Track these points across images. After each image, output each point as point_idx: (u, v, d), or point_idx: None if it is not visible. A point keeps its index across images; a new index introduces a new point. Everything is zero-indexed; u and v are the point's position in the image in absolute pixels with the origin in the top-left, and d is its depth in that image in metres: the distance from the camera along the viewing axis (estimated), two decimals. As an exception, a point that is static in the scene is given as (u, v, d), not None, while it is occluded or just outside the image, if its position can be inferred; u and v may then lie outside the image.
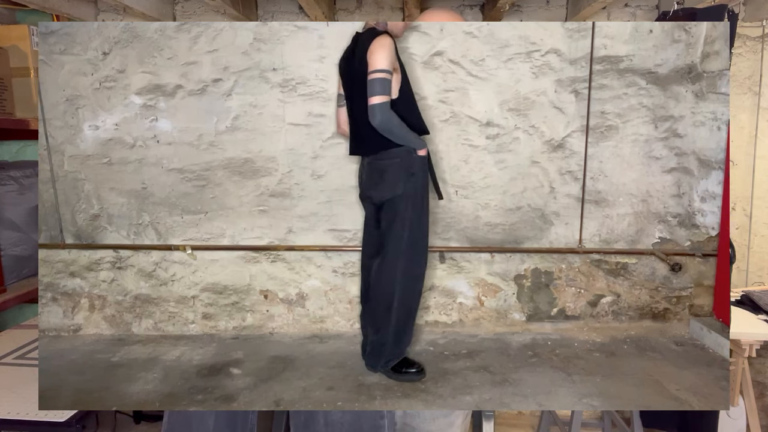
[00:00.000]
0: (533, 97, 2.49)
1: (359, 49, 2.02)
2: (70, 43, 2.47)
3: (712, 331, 2.43)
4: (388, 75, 1.95)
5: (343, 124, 2.27)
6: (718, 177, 2.56)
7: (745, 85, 2.93)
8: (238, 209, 2.59)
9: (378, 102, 1.94)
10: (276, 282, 2.65)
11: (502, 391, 2.08)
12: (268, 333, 2.65)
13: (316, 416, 1.68)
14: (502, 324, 2.67)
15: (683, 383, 2.12)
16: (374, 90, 1.95)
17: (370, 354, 2.22)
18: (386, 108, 1.95)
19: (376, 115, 1.95)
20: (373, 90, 1.95)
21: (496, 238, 2.61)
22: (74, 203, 2.61)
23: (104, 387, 2.14)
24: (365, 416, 1.68)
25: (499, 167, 2.55)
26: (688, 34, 2.46)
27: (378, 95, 1.94)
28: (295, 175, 2.55)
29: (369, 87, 1.95)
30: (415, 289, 2.17)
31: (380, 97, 1.94)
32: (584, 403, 2.01)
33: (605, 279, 2.64)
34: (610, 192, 2.57)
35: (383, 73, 1.94)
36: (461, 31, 2.43)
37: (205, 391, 2.09)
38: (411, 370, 2.16)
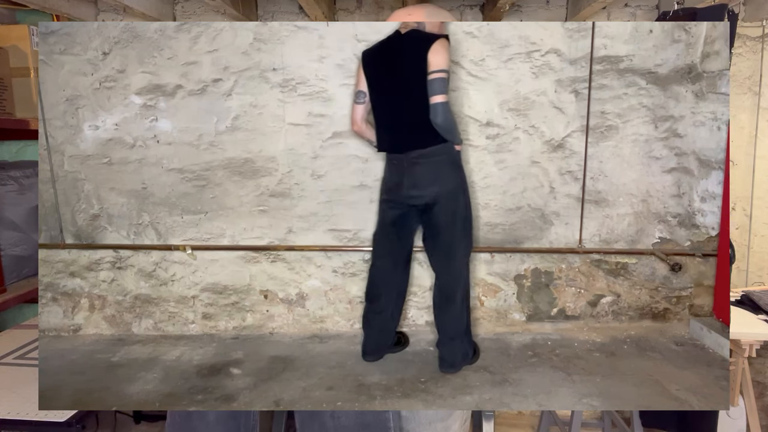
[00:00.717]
0: (533, 97, 2.49)
1: (409, 48, 2.06)
2: (70, 43, 2.47)
3: (712, 331, 2.43)
4: (448, 75, 2.04)
5: (360, 121, 2.24)
6: (718, 177, 2.56)
7: (745, 85, 2.93)
8: (238, 209, 2.59)
9: (442, 101, 2.03)
10: (276, 282, 2.65)
11: (502, 391, 2.08)
12: (268, 333, 2.66)
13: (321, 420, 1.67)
14: (502, 324, 2.67)
15: (683, 383, 2.12)
16: (439, 89, 2.02)
17: (452, 356, 2.22)
18: (448, 106, 2.05)
19: (440, 113, 2.03)
20: (438, 89, 2.02)
21: (496, 238, 2.61)
22: (74, 203, 2.61)
23: (104, 387, 2.14)
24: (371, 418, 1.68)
25: (499, 167, 2.55)
26: (688, 34, 2.46)
27: (442, 94, 2.03)
28: (295, 175, 2.55)
29: (433, 86, 2.02)
30: (469, 277, 2.28)
31: (443, 96, 2.03)
32: (584, 403, 2.01)
33: (605, 279, 2.64)
34: (610, 192, 2.57)
35: (445, 73, 2.02)
36: (461, 31, 2.43)
37: (205, 391, 2.09)
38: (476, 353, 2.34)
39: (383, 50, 2.14)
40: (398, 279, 2.31)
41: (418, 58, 2.04)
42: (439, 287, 2.23)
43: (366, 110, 2.24)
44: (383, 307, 2.30)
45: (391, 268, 2.29)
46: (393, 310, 2.31)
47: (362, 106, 2.22)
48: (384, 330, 2.33)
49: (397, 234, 2.24)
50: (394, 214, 2.22)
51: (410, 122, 2.10)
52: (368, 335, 2.33)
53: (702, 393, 2.06)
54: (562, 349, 2.43)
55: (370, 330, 2.33)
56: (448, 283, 2.21)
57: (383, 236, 2.26)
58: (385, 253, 2.27)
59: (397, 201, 2.19)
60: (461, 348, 2.23)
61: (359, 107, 2.23)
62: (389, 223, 2.24)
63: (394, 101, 2.12)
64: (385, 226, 2.25)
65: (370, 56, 2.17)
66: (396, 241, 2.25)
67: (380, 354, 2.33)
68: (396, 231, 2.24)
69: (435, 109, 2.03)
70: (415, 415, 1.89)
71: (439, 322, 2.25)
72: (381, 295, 2.29)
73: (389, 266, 2.28)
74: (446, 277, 2.21)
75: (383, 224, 2.26)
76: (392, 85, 2.10)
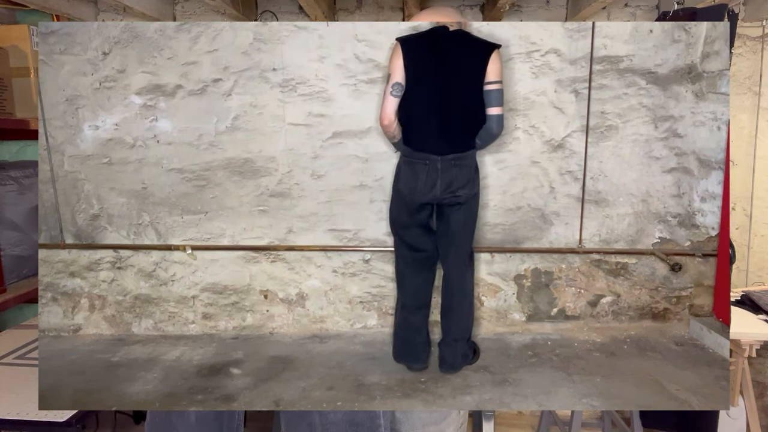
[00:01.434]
0: (533, 97, 2.49)
1: (466, 51, 2.04)
2: (70, 43, 2.47)
3: (712, 331, 2.43)
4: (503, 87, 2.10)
5: (394, 116, 2.07)
6: (718, 177, 2.56)
7: (745, 85, 2.93)
8: (238, 209, 2.59)
9: (501, 113, 2.08)
10: (276, 282, 2.65)
11: (502, 391, 2.08)
12: (268, 333, 2.66)
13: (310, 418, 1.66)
14: (502, 324, 2.67)
15: (683, 383, 2.12)
16: (499, 101, 2.07)
17: (453, 357, 2.21)
18: (503, 119, 2.12)
19: (499, 125, 2.08)
20: (499, 101, 2.07)
21: (496, 238, 2.61)
22: (74, 203, 2.61)
23: (104, 387, 2.14)
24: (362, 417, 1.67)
25: (499, 167, 2.55)
26: (688, 34, 2.46)
27: (501, 106, 2.08)
28: (295, 175, 2.55)
29: (494, 96, 2.06)
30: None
31: (502, 108, 2.08)
32: (584, 403, 2.01)
33: (605, 279, 2.64)
34: (610, 192, 2.57)
35: (502, 85, 2.08)
36: (461, 31, 2.43)
37: (205, 391, 2.09)
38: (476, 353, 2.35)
39: (431, 44, 2.04)
40: (432, 278, 2.28)
41: (477, 63, 2.03)
42: (447, 289, 2.22)
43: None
44: (426, 308, 2.26)
45: (423, 269, 2.25)
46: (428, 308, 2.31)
47: (398, 100, 2.06)
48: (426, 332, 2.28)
49: (428, 234, 2.21)
50: (424, 215, 2.17)
51: (459, 125, 2.08)
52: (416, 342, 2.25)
53: (702, 393, 2.06)
54: (562, 349, 2.43)
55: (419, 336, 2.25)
56: (456, 285, 2.21)
57: (412, 234, 2.20)
58: (422, 244, 2.21)
59: (428, 202, 2.14)
60: (462, 349, 2.23)
61: (395, 100, 2.06)
62: (421, 224, 2.18)
63: (442, 101, 2.05)
64: (414, 226, 2.19)
65: (414, 47, 2.04)
66: (426, 239, 2.21)
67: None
68: (427, 231, 2.21)
69: (496, 120, 2.08)
70: (409, 417, 1.89)
71: (446, 323, 2.24)
72: (427, 297, 2.26)
73: (422, 266, 2.24)
74: (455, 279, 2.21)
75: (411, 223, 2.18)
76: (442, 85, 2.04)
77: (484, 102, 2.07)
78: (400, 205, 2.19)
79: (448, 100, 2.05)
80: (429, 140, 2.09)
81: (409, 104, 2.06)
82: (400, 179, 2.17)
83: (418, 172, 2.10)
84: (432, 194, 2.11)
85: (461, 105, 2.06)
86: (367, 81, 2.46)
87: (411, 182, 2.12)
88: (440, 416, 1.89)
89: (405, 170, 2.14)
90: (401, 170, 2.16)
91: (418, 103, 2.06)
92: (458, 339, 2.22)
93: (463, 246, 2.20)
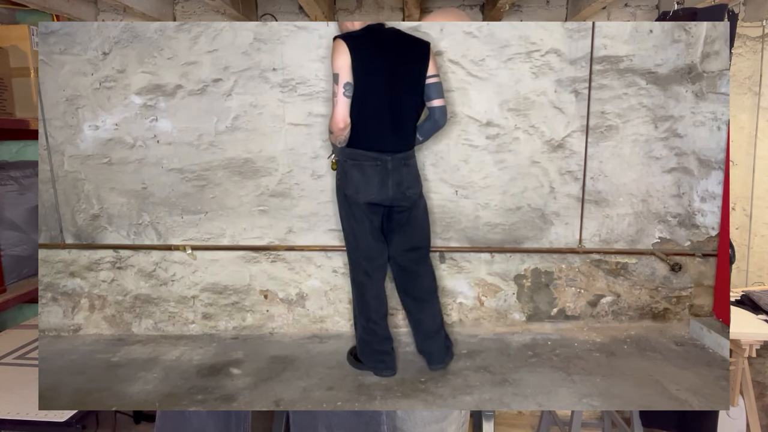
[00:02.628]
0: (533, 97, 2.49)
1: (410, 48, 2.06)
2: (70, 43, 2.47)
3: (712, 331, 2.43)
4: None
5: (348, 117, 2.00)
6: (718, 177, 2.56)
7: (745, 85, 2.93)
8: (238, 209, 2.59)
9: (445, 104, 2.13)
10: (276, 282, 2.65)
11: (502, 391, 2.08)
12: (268, 333, 2.65)
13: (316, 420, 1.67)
14: (502, 324, 2.67)
15: (683, 383, 2.12)
16: (441, 93, 2.11)
17: (445, 350, 2.23)
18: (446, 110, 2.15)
19: (445, 116, 2.13)
20: (441, 92, 2.11)
21: (496, 238, 2.61)
22: (74, 203, 2.61)
23: (104, 387, 2.14)
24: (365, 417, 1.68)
25: (499, 167, 2.55)
26: (688, 34, 2.46)
27: (443, 98, 2.12)
28: (295, 175, 2.55)
29: (437, 89, 2.10)
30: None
31: (444, 100, 2.14)
32: (584, 403, 2.01)
33: (605, 279, 2.64)
34: (610, 192, 2.57)
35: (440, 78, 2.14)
36: (461, 31, 2.43)
37: (205, 391, 2.09)
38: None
39: (372, 42, 2.01)
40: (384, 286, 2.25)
41: (419, 59, 2.05)
42: (419, 284, 2.22)
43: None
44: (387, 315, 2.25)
45: (383, 275, 2.23)
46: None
47: (350, 100, 1.98)
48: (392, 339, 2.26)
49: (381, 237, 2.17)
50: (378, 218, 2.14)
51: (408, 122, 2.09)
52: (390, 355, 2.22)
53: (702, 393, 2.06)
54: (562, 349, 2.43)
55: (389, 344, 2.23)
56: (428, 277, 2.24)
57: (374, 240, 2.14)
58: (379, 257, 2.17)
59: (381, 204, 2.10)
60: (446, 341, 2.25)
61: (348, 101, 1.98)
62: (376, 227, 2.14)
63: (391, 99, 2.03)
64: (372, 231, 2.13)
65: (358, 45, 1.98)
66: (383, 245, 2.17)
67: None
68: (379, 234, 2.15)
69: (442, 111, 2.12)
70: (410, 415, 1.89)
71: (422, 318, 2.22)
72: (386, 303, 2.24)
73: (383, 273, 2.21)
74: (426, 272, 2.23)
75: (372, 227, 2.13)
76: (389, 82, 2.02)
77: (425, 96, 2.10)
78: (352, 214, 2.12)
79: (397, 97, 2.04)
80: (381, 139, 2.05)
81: (359, 104, 2.00)
82: (347, 185, 2.09)
83: (369, 173, 2.05)
84: (384, 195, 2.08)
85: (412, 102, 2.08)
86: (367, 81, 2.45)
87: (361, 185, 2.06)
88: (441, 415, 1.90)
89: (353, 174, 2.07)
90: (348, 175, 2.08)
91: (368, 102, 2.00)
92: (439, 329, 2.23)
93: (427, 239, 2.25)
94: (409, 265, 2.22)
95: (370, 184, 2.06)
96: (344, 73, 1.96)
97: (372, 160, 2.05)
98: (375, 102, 2.02)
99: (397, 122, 2.06)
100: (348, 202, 2.11)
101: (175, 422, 1.66)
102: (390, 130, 2.06)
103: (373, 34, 2.03)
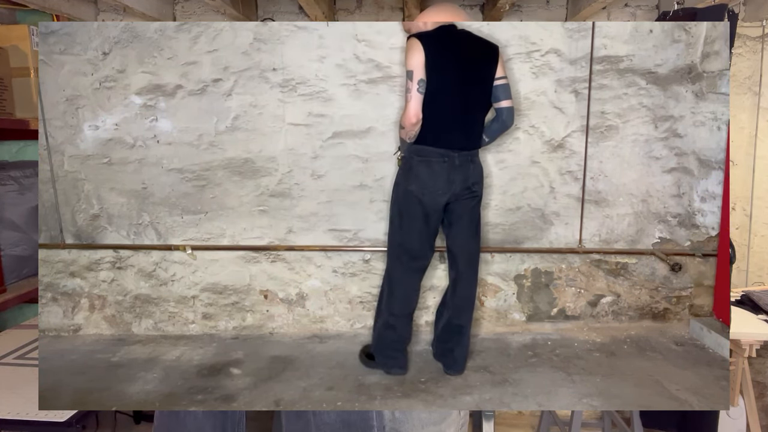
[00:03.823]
0: (533, 97, 2.49)
1: (479, 49, 2.08)
2: (70, 43, 2.47)
3: (712, 331, 2.43)
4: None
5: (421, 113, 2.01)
6: (718, 177, 2.56)
7: (745, 85, 2.93)
8: (238, 209, 2.59)
9: (512, 105, 2.16)
10: (276, 282, 2.65)
11: (502, 391, 2.08)
12: (268, 333, 2.65)
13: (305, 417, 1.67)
14: (502, 324, 2.67)
15: (683, 383, 2.12)
16: (510, 94, 2.14)
17: (462, 357, 2.21)
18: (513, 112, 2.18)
19: (512, 117, 2.16)
20: (509, 94, 2.14)
21: (496, 238, 2.61)
22: (74, 203, 2.61)
23: (104, 387, 2.14)
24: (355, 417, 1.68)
25: (499, 167, 2.55)
26: (688, 34, 2.46)
27: (511, 99, 2.15)
28: (295, 175, 2.55)
29: (505, 91, 2.13)
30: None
31: (512, 101, 2.16)
32: (584, 403, 2.01)
33: (605, 279, 2.64)
34: (610, 192, 2.57)
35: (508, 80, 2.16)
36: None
37: (205, 391, 2.09)
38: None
39: (445, 41, 2.03)
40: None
41: (488, 60, 2.08)
42: (466, 287, 2.19)
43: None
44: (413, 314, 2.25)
45: (420, 277, 2.21)
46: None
47: (423, 97, 2.00)
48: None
49: (431, 241, 2.16)
50: (436, 218, 2.12)
51: (477, 121, 2.11)
52: (403, 353, 2.24)
53: (702, 393, 2.06)
54: (562, 349, 2.43)
55: (405, 343, 2.24)
56: (472, 277, 2.20)
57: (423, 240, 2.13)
58: (422, 258, 2.16)
59: (447, 201, 2.10)
60: (468, 344, 2.24)
61: (421, 97, 1.99)
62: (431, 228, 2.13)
63: (461, 98, 2.05)
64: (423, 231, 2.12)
65: (432, 44, 1.99)
66: (430, 248, 2.17)
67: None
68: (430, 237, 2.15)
69: (510, 112, 2.14)
70: (409, 417, 1.89)
71: (461, 321, 2.19)
72: (416, 303, 2.22)
73: (420, 275, 2.20)
74: (474, 275, 2.21)
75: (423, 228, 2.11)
76: (461, 81, 2.03)
77: (493, 97, 2.11)
78: (408, 209, 2.10)
79: (467, 96, 2.06)
80: (450, 136, 2.05)
81: (430, 101, 2.01)
82: (411, 181, 2.08)
83: (437, 169, 2.06)
84: (451, 192, 2.08)
85: (478, 101, 2.09)
86: (367, 81, 2.46)
87: (429, 182, 2.06)
88: (440, 416, 1.89)
89: (419, 170, 2.06)
90: (413, 171, 2.07)
91: (440, 99, 2.01)
92: (467, 334, 2.22)
93: (479, 241, 2.21)
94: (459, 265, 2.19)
95: (437, 180, 2.06)
96: (418, 71, 1.99)
97: (440, 157, 2.05)
98: (445, 100, 2.03)
99: (466, 120, 2.08)
100: (407, 197, 2.09)
101: (171, 424, 1.66)
102: (459, 128, 2.07)
103: (445, 35, 2.05)
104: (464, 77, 2.04)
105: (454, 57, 2.02)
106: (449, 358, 2.22)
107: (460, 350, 2.20)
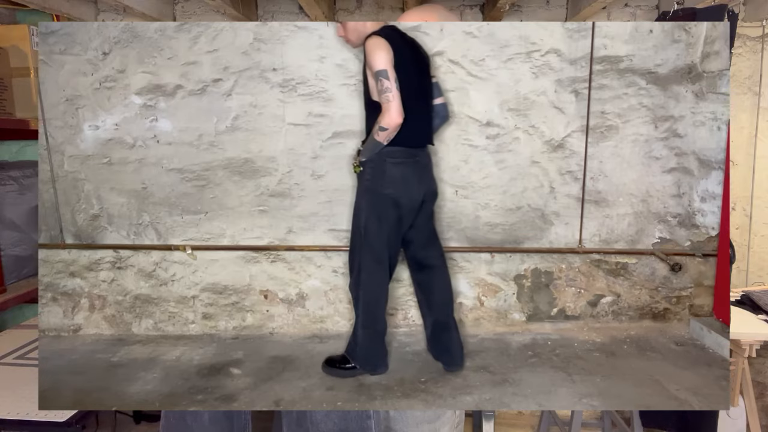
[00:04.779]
0: (533, 97, 2.49)
1: (417, 49, 2.13)
2: (70, 43, 2.47)
3: (712, 331, 2.43)
4: None
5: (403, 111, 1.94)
6: (718, 177, 2.56)
7: (745, 85, 2.93)
8: (238, 209, 2.59)
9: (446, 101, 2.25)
10: (276, 282, 2.65)
11: (502, 391, 2.08)
12: (268, 333, 2.65)
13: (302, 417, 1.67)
14: (502, 324, 2.67)
15: (683, 383, 2.12)
16: (442, 91, 2.23)
17: (459, 352, 2.21)
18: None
19: (449, 112, 2.26)
20: (442, 91, 2.23)
21: (496, 238, 2.61)
22: (74, 203, 2.61)
23: (104, 387, 2.14)
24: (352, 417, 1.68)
25: (499, 167, 2.55)
26: (688, 34, 2.46)
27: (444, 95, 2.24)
28: (295, 175, 2.55)
29: (439, 88, 2.21)
30: None
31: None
32: (584, 403, 2.01)
33: (605, 279, 2.64)
34: (610, 192, 2.57)
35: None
36: (461, 31, 2.43)
37: (205, 391, 2.09)
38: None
39: (401, 41, 2.02)
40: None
41: (427, 59, 2.16)
42: (442, 280, 2.21)
43: None
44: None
45: (392, 271, 2.20)
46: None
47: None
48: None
49: (400, 241, 2.16)
50: (410, 218, 2.10)
51: (432, 118, 2.17)
52: (385, 350, 2.25)
53: (702, 393, 2.06)
54: (562, 349, 2.43)
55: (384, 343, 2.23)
56: (446, 270, 2.24)
57: (397, 238, 2.11)
58: (396, 255, 2.16)
59: (417, 200, 2.07)
60: (459, 336, 2.24)
61: (399, 95, 1.93)
62: (403, 228, 2.11)
63: (423, 96, 2.10)
64: (398, 230, 2.09)
65: (394, 42, 1.97)
66: (399, 246, 2.18)
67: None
68: (400, 236, 2.14)
69: (446, 108, 2.24)
70: (403, 415, 1.88)
71: (448, 318, 2.20)
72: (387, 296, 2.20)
73: (392, 270, 2.19)
74: (445, 265, 2.23)
75: (397, 227, 2.08)
76: (419, 80, 2.07)
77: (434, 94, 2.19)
78: (389, 215, 2.04)
79: (423, 93, 2.11)
80: (415, 134, 2.05)
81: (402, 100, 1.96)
82: (387, 185, 2.01)
83: (408, 171, 2.03)
84: (424, 192, 2.10)
85: (429, 98, 2.15)
86: (367, 81, 2.46)
87: (405, 183, 2.03)
88: (435, 415, 1.89)
89: (393, 172, 2.01)
90: (387, 174, 2.01)
91: (408, 98, 1.96)
92: (457, 327, 2.23)
93: (438, 237, 2.26)
94: (426, 262, 2.20)
95: (411, 181, 2.04)
96: (391, 69, 1.92)
97: (411, 157, 2.04)
98: (411, 98, 1.98)
99: (425, 118, 2.13)
100: (383, 202, 2.03)
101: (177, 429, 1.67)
102: (422, 126, 2.10)
103: (398, 34, 2.05)
104: (419, 76, 2.08)
105: (411, 55, 2.06)
106: (447, 357, 2.22)
107: (455, 346, 2.21)
